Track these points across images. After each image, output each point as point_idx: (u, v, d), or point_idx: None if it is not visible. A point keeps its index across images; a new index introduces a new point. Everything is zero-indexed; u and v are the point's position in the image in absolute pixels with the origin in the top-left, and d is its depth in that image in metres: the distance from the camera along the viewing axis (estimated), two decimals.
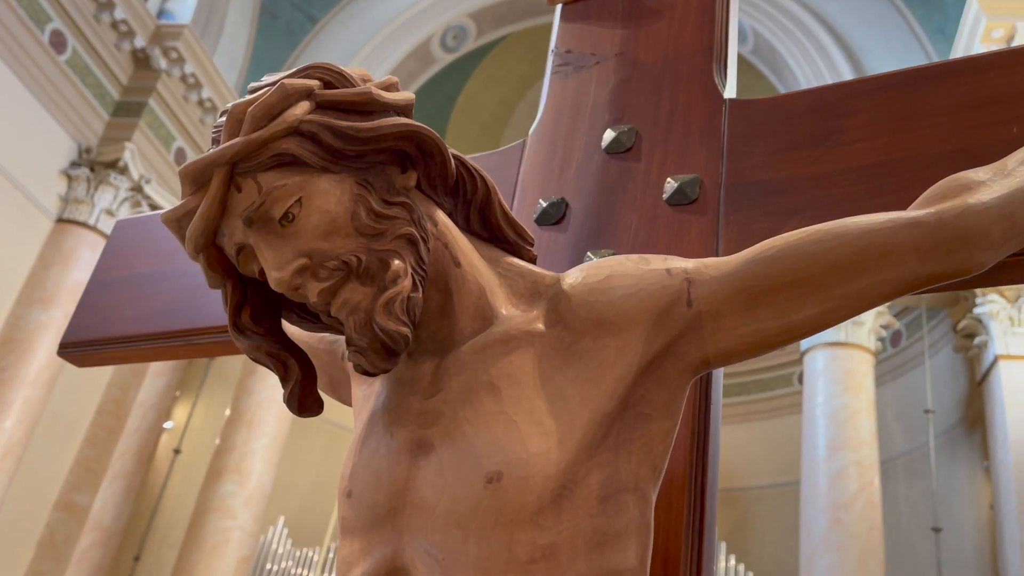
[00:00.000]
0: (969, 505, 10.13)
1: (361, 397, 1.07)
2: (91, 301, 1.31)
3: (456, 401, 0.93)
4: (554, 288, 0.98)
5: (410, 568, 0.89)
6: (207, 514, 9.46)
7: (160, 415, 10.56)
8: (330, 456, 13.62)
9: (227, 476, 9.67)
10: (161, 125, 10.71)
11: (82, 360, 1.27)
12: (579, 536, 0.86)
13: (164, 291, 1.25)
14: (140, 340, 1.21)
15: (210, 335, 1.20)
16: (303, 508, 12.95)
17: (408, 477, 0.93)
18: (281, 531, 12.06)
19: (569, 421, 0.89)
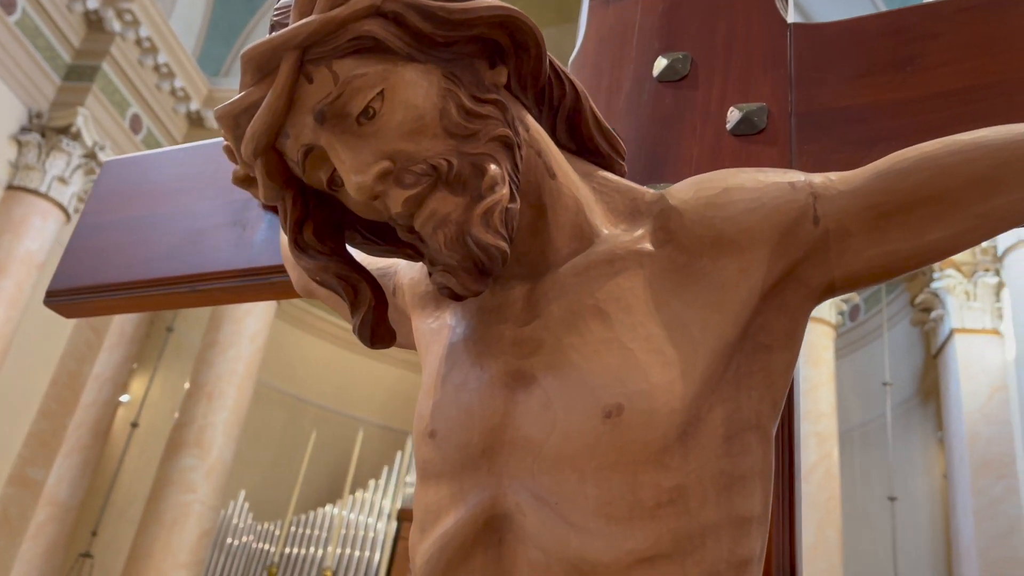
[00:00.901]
0: (923, 475, 10.39)
1: (429, 331, 0.96)
2: (80, 246, 1.21)
3: (558, 328, 0.83)
4: (659, 204, 0.87)
5: (515, 514, 0.79)
6: (166, 488, 9.29)
7: (117, 388, 10.31)
8: (291, 430, 13.48)
9: (187, 450, 9.50)
10: (116, 90, 10.37)
11: (71, 310, 1.17)
12: (707, 478, 0.78)
13: (163, 234, 1.16)
14: (137, 287, 1.12)
15: (216, 280, 1.11)
16: (264, 482, 12.81)
17: (505, 413, 0.83)
18: (242, 505, 11.93)
19: (691, 350, 0.80)
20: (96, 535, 9.28)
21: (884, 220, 0.81)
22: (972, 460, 8.67)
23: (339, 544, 10.64)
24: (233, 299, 1.12)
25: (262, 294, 1.12)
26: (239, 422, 10.04)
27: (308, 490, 10.92)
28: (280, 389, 13.60)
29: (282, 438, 13.36)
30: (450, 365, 0.90)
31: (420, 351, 0.97)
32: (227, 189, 1.16)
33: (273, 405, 13.37)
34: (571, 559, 0.75)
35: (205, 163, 1.23)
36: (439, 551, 0.81)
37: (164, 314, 11.26)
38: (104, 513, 9.60)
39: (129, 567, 8.93)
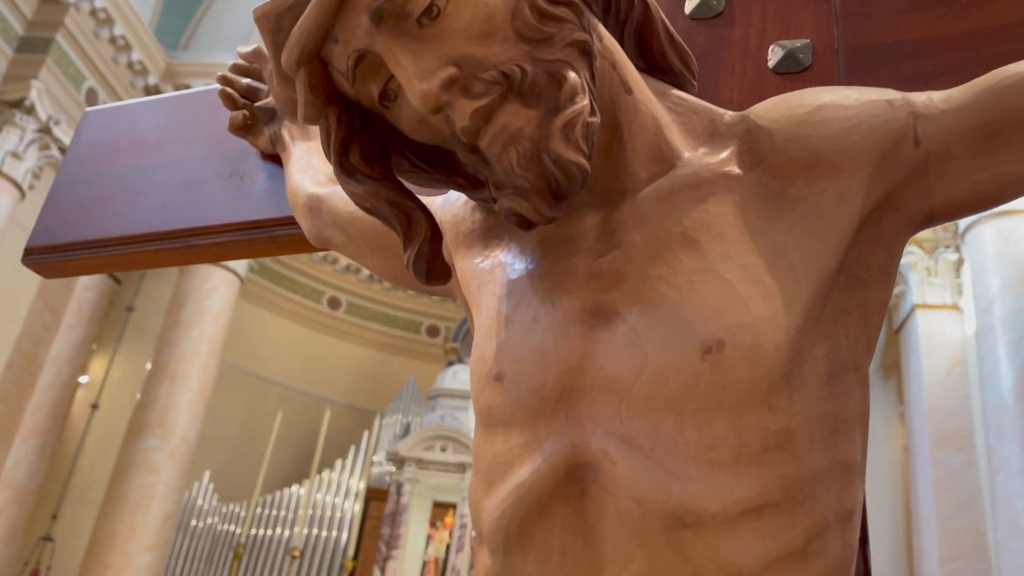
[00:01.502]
0: (884, 447, 10.58)
1: (479, 271, 0.88)
2: (61, 200, 1.12)
3: (642, 258, 0.75)
4: (743, 125, 0.79)
5: (601, 463, 0.72)
6: (129, 470, 9.13)
7: (75, 370, 10.08)
8: (255, 411, 13.33)
9: (149, 431, 9.33)
10: (70, 63, 10.07)
11: (52, 269, 1.09)
12: (812, 421, 0.71)
13: (152, 187, 1.07)
14: (125, 243, 1.04)
15: (213, 235, 1.03)
16: (229, 463, 12.66)
17: (584, 353, 0.75)
18: (207, 486, 11.78)
19: (792, 280, 0.73)
20: (56, 518, 9.10)
21: (990, 141, 0.74)
22: (932, 433, 8.84)
23: (306, 525, 10.57)
24: (232, 254, 1.04)
25: (264, 249, 1.04)
26: (203, 402, 9.89)
27: (274, 471, 10.82)
28: (244, 369, 13.42)
29: (246, 419, 13.20)
30: (514, 303, 0.82)
31: (469, 293, 0.89)
32: (221, 138, 1.09)
33: (237, 385, 13.19)
34: (672, 510, 0.69)
35: (196, 112, 1.16)
36: (514, 505, 0.74)
37: (124, 293, 11.02)
38: (64, 496, 9.42)
39: (91, 550, 8.77)
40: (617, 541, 0.70)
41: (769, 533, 0.68)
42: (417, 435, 9.14)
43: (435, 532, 9.02)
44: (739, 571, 0.67)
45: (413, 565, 8.93)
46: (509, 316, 0.81)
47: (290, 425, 11.66)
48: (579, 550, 0.72)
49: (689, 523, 0.68)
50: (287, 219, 1.03)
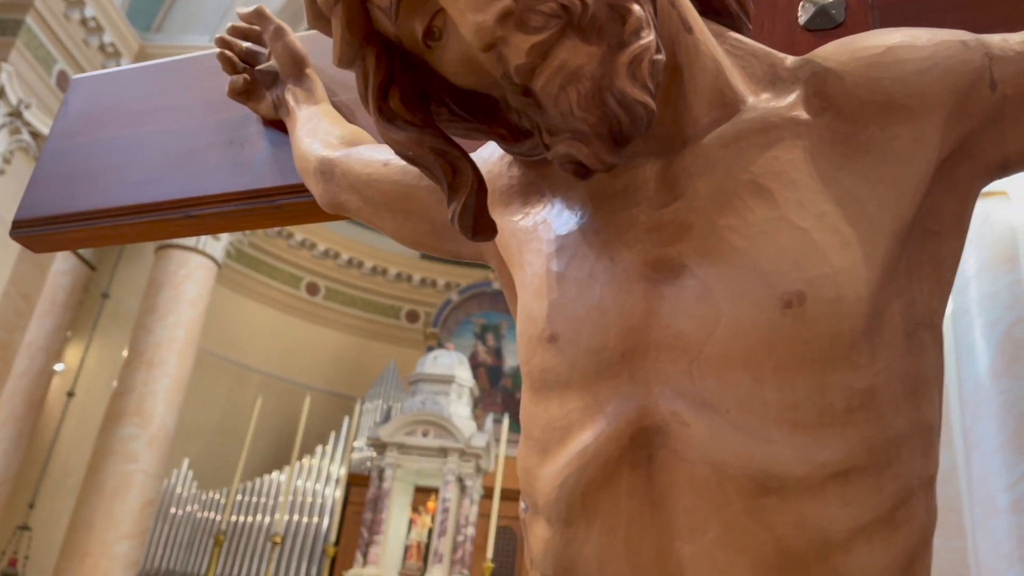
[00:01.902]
0: None
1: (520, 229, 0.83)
2: (50, 172, 1.06)
3: (708, 208, 0.71)
4: (808, 68, 0.74)
5: (671, 425, 0.67)
6: (106, 458, 9.03)
7: (50, 357, 9.93)
8: (234, 397, 13.23)
9: (127, 419, 9.23)
10: (40, 45, 9.86)
11: (40, 242, 1.04)
12: (894, 380, 0.67)
13: (147, 156, 1.02)
14: (119, 214, 0.99)
15: (213, 205, 0.98)
16: (208, 450, 12.58)
17: (648, 310, 0.70)
18: (186, 474, 11.69)
19: (870, 230, 0.69)
20: (33, 507, 8.99)
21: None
22: None
23: (287, 511, 10.53)
24: (233, 225, 0.99)
25: (266, 219, 1.00)
26: (181, 389, 9.80)
27: (253, 458, 10.75)
28: (222, 356, 13.31)
29: (225, 406, 13.11)
30: (565, 260, 0.77)
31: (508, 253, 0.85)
32: (219, 105, 1.05)
33: (215, 372, 13.08)
34: (753, 474, 0.64)
35: (190, 78, 1.10)
36: (577, 472, 0.69)
37: (99, 280, 10.87)
38: (41, 485, 9.30)
39: (69, 539, 8.68)
40: (690, 509, 0.66)
41: (856, 499, 0.65)
42: (398, 420, 9.11)
43: (417, 517, 9.01)
44: (826, 539, 0.64)
45: (395, 550, 8.92)
46: (561, 273, 0.76)
47: (269, 412, 11.58)
48: (647, 520, 0.68)
49: (772, 488, 0.64)
50: (292, 187, 0.98)
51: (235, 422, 12.79)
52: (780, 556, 0.64)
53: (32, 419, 9.69)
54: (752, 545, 0.64)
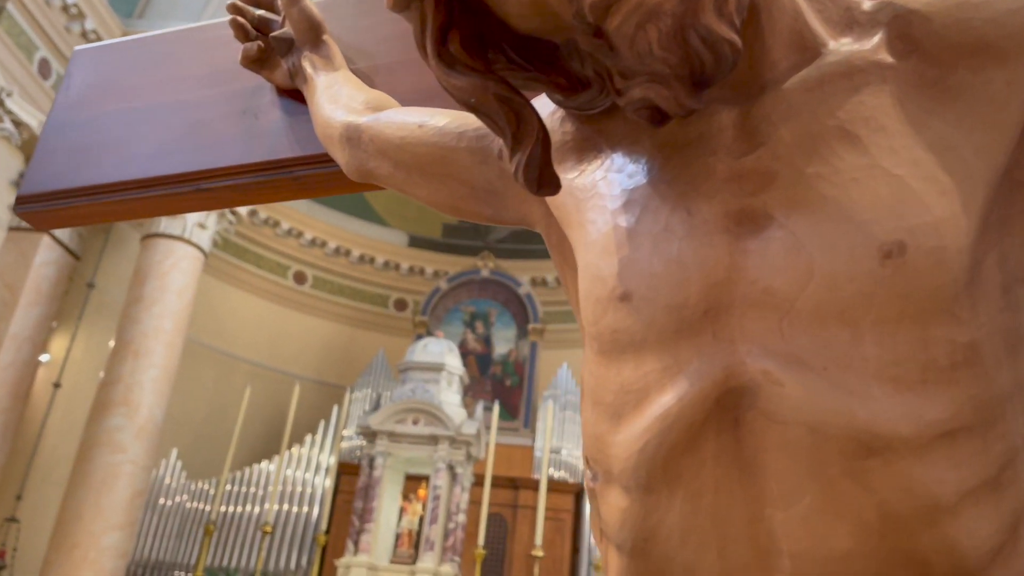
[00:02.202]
0: None
1: (576, 188, 0.78)
2: (54, 146, 1.03)
3: (794, 156, 0.66)
4: (889, 11, 0.70)
5: (762, 385, 0.63)
6: (94, 449, 8.98)
7: (36, 348, 9.83)
8: (222, 387, 13.17)
9: (114, 409, 9.18)
10: (21, 32, 9.73)
11: (45, 219, 1.01)
12: (996, 335, 0.64)
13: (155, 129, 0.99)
14: (126, 189, 0.96)
15: (226, 177, 0.95)
16: (196, 441, 12.52)
17: (732, 264, 0.67)
18: (174, 464, 11.65)
19: (967, 177, 0.65)
20: (21, 499, 8.92)
21: None
22: None
23: (277, 501, 10.50)
24: (246, 199, 0.96)
25: (283, 191, 0.97)
26: (169, 380, 9.74)
27: (242, 448, 10.71)
28: (210, 346, 13.24)
29: (213, 396, 13.05)
30: (635, 214, 0.72)
31: (564, 213, 0.80)
32: (229, 75, 1.02)
33: (203, 362, 13.01)
34: (856, 434, 0.60)
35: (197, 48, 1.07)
36: (659, 436, 0.65)
37: (83, 270, 10.77)
38: (28, 476, 9.23)
39: (58, 530, 8.64)
40: (783, 474, 0.62)
41: (963, 460, 0.61)
42: (388, 408, 9.08)
43: (408, 504, 9.00)
44: (934, 503, 0.60)
45: (386, 538, 8.91)
46: (632, 228, 0.72)
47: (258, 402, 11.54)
48: (735, 486, 0.64)
49: (876, 449, 0.60)
50: (311, 158, 0.95)
51: (223, 412, 12.74)
52: (883, 521, 0.60)
53: (18, 410, 9.61)
54: (852, 510, 0.61)
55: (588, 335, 0.74)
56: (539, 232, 0.92)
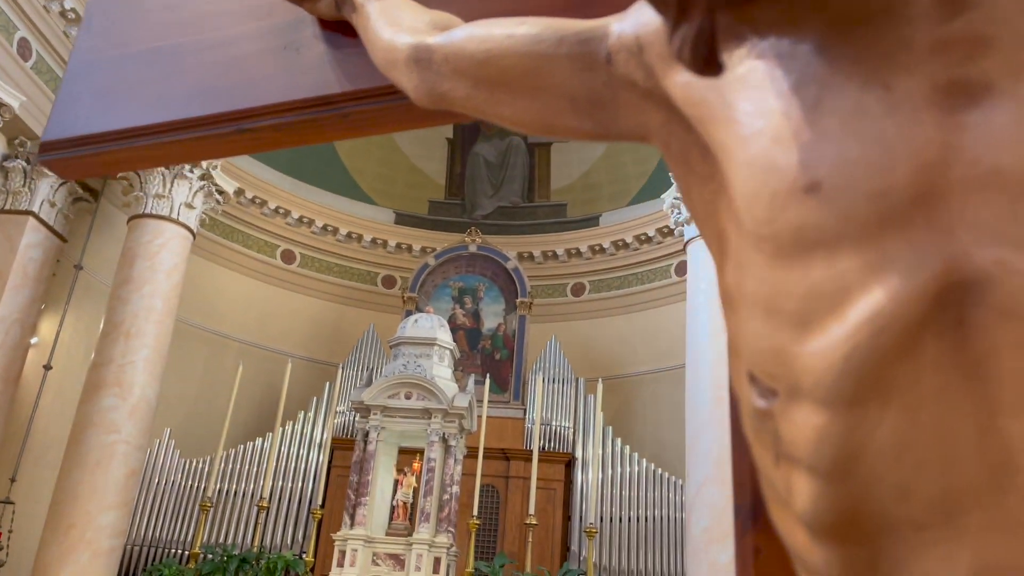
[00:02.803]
0: None
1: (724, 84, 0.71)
2: (78, 89, 1.02)
3: (1015, 16, 0.58)
4: None
5: (993, 276, 0.55)
6: (87, 429, 8.99)
7: (25, 330, 9.80)
8: (212, 366, 13.18)
9: (106, 390, 9.18)
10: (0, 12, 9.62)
11: (72, 166, 1.00)
12: None
13: (189, 67, 0.95)
14: (160, 132, 0.96)
15: (269, 116, 0.92)
16: (189, 420, 12.54)
17: (945, 142, 0.58)
18: (168, 443, 11.67)
19: None
20: (15, 481, 8.94)
21: None
22: None
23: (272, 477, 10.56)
24: (291, 139, 0.93)
25: (331, 129, 0.93)
26: (160, 360, 9.75)
27: (234, 426, 10.74)
28: (199, 325, 13.22)
29: (204, 375, 13.05)
30: (814, 95, 0.64)
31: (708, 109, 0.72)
32: (265, 9, 0.99)
33: (193, 342, 13.01)
34: None
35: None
36: (869, 341, 0.57)
37: (70, 252, 10.72)
38: (22, 458, 9.24)
39: (54, 511, 8.67)
40: (1020, 377, 0.54)
41: None
42: (381, 383, 9.13)
43: (403, 477, 9.08)
44: None
45: (382, 511, 9.00)
46: (812, 111, 0.63)
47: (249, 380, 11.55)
48: (959, 394, 0.56)
49: None
50: (360, 93, 0.90)
51: (215, 391, 12.75)
52: None
53: (9, 393, 9.60)
54: None
55: (756, 237, 0.65)
56: (654, 144, 0.82)
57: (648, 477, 11.77)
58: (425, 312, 10.11)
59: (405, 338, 9.52)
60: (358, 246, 15.18)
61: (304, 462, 11.96)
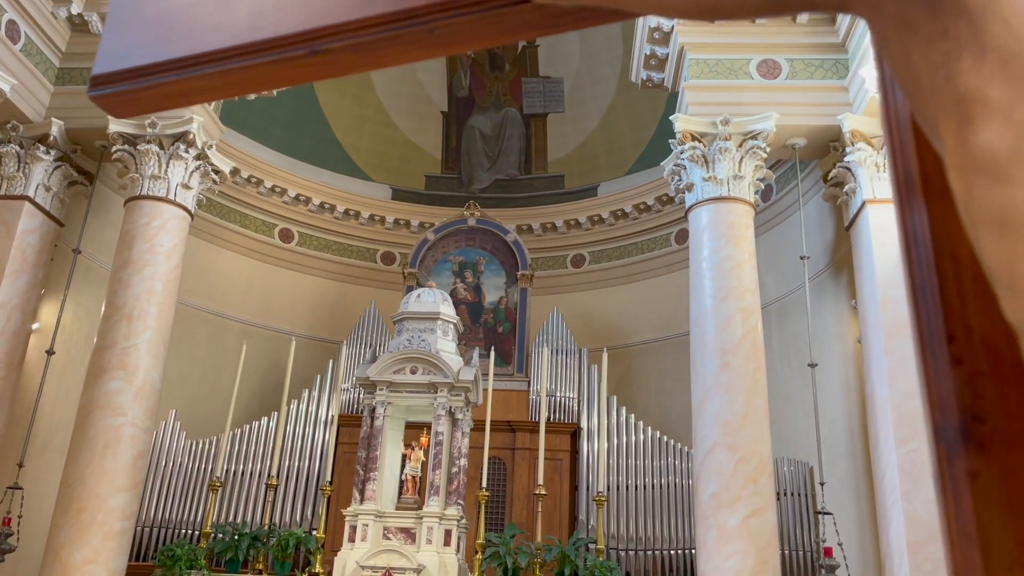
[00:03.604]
0: (837, 341, 10.91)
1: None
2: (127, 16, 0.97)
3: None
4: None
5: None
6: (93, 413, 8.97)
7: (26, 316, 9.76)
8: (215, 347, 13.16)
9: (111, 373, 9.15)
10: None
11: (127, 102, 0.95)
12: None
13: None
14: (224, 58, 0.91)
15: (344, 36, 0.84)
16: (193, 401, 12.54)
17: None
18: (174, 425, 11.67)
19: None
20: (22, 466, 8.93)
21: None
22: (885, 323, 9.12)
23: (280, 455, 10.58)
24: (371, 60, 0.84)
25: (415, 47, 0.83)
26: (163, 341, 9.70)
27: (238, 406, 10.75)
28: (200, 307, 13.19)
29: (206, 356, 13.04)
30: None
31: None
32: None
33: (194, 323, 12.98)
34: None
35: None
36: None
37: (68, 236, 10.64)
38: (28, 444, 9.23)
39: (63, 494, 8.66)
40: None
41: None
42: (386, 358, 9.12)
43: (411, 452, 9.10)
44: None
45: (390, 486, 9.03)
46: None
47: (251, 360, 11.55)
48: None
49: None
50: (446, 4, 0.82)
51: (218, 372, 12.74)
52: None
53: (13, 380, 9.57)
54: None
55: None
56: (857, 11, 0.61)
57: (653, 445, 11.82)
58: (427, 287, 10.08)
59: (408, 313, 9.50)
60: (356, 223, 15.11)
61: (310, 441, 11.98)
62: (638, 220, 14.72)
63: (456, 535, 8.58)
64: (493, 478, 11.51)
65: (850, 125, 9.68)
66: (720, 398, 8.93)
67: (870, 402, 9.32)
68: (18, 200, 10.00)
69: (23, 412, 9.75)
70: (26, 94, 10.19)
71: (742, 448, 8.63)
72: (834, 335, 11.03)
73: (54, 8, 10.44)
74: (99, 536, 8.51)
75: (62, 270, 10.40)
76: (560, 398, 12.48)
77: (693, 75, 10.29)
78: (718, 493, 8.55)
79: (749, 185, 9.97)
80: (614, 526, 11.29)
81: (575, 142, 15.65)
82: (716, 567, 8.32)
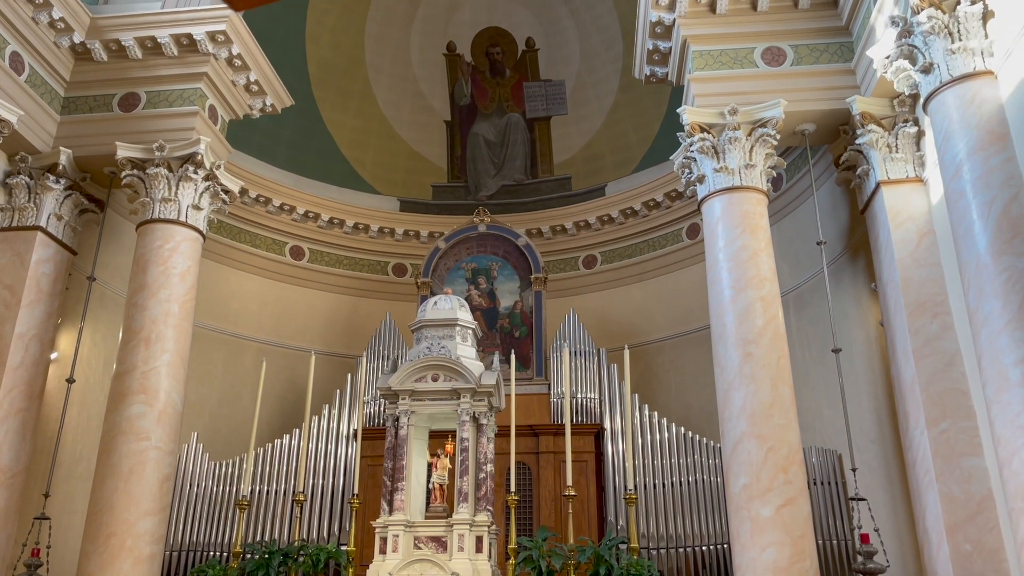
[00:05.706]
0: (858, 326, 10.80)
1: None
2: None
3: None
4: None
5: None
6: (117, 438, 8.94)
7: (44, 346, 9.73)
8: (232, 368, 13.14)
9: (132, 397, 9.12)
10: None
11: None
12: None
13: None
14: None
15: None
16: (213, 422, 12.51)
17: None
18: (196, 447, 11.64)
19: None
20: (49, 496, 8.89)
21: None
22: (907, 304, 9.01)
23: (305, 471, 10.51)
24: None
25: None
26: (183, 363, 9.67)
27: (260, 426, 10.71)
28: (215, 328, 13.18)
29: (224, 376, 13.03)
30: None
31: None
32: None
33: (210, 345, 12.96)
34: None
35: None
36: None
37: (82, 264, 10.63)
38: (53, 473, 9.20)
39: (91, 521, 8.62)
40: None
41: None
42: (407, 367, 9.05)
43: (437, 460, 9.02)
44: None
45: (419, 495, 8.95)
46: None
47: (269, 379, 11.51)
48: None
49: None
50: None
51: (236, 392, 12.72)
52: None
53: (35, 410, 9.54)
54: None
55: None
56: None
57: (678, 442, 11.71)
58: (444, 293, 10.01)
59: (426, 320, 9.44)
60: (365, 236, 15.10)
61: (333, 457, 11.92)
62: (648, 217, 14.66)
63: (487, 541, 8.49)
64: (519, 483, 11.43)
65: (859, 107, 9.59)
66: (745, 388, 8.83)
67: (897, 384, 9.20)
68: (31, 231, 9.99)
69: (46, 442, 9.73)
70: (33, 124, 10.20)
71: (770, 438, 8.53)
72: (855, 320, 10.92)
73: (56, 38, 10.46)
74: (129, 562, 8.47)
75: (77, 298, 10.40)
76: (581, 399, 12.40)
77: (698, 67, 10.24)
78: (749, 484, 8.45)
79: (761, 173, 9.89)
80: (643, 525, 11.18)
81: (580, 143, 15.62)
82: (752, 559, 8.21)
